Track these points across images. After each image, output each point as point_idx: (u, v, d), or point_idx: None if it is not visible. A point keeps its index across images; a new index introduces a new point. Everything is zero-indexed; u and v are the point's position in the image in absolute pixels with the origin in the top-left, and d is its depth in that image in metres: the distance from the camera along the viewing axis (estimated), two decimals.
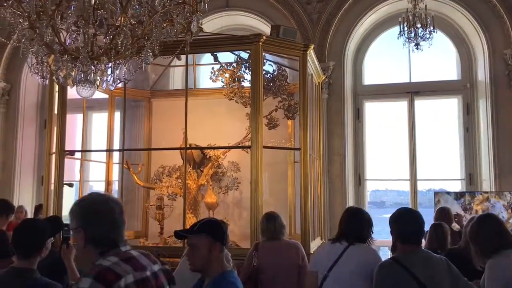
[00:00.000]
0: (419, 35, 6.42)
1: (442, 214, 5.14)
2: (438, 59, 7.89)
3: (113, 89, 4.15)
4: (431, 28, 6.43)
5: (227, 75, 6.09)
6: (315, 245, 5.44)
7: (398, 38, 6.58)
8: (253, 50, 5.22)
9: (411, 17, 6.44)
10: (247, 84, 6.00)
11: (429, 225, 4.16)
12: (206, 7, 3.59)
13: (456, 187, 7.66)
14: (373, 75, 8.18)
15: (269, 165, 5.60)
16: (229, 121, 6.45)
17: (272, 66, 6.29)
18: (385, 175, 8.20)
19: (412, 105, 7.77)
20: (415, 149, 7.66)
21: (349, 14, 7.80)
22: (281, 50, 5.57)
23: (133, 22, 3.28)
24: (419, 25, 6.41)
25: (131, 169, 6.29)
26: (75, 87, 3.64)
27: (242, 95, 6.04)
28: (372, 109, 8.15)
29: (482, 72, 7.47)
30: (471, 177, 7.42)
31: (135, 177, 6.35)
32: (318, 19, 7.83)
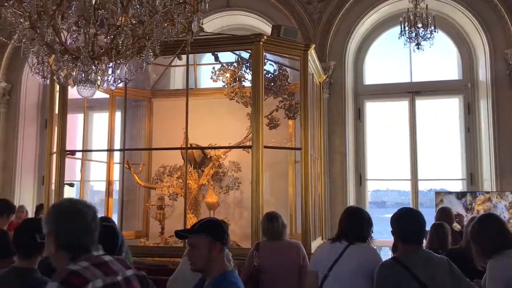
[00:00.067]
0: (420, 34, 6.41)
1: (443, 214, 5.11)
2: (439, 59, 7.88)
3: (114, 89, 4.16)
4: (432, 27, 6.42)
5: (228, 75, 6.09)
6: (316, 245, 5.42)
7: (399, 38, 6.57)
8: (254, 50, 5.22)
9: (412, 17, 6.44)
10: (248, 84, 6.00)
11: (430, 225, 4.16)
12: (207, 7, 3.59)
13: (457, 187, 7.64)
14: (374, 75, 8.16)
15: (270, 165, 5.59)
16: (230, 121, 6.45)
17: (273, 66, 6.29)
18: (386, 175, 8.19)
19: (413, 105, 7.76)
20: (416, 149, 7.65)
21: (350, 13, 7.80)
22: (282, 50, 5.58)
23: (134, 22, 3.28)
24: (420, 25, 6.41)
25: (132, 169, 6.30)
26: (76, 87, 3.63)
27: (243, 95, 6.04)
28: (373, 109, 8.13)
29: (483, 72, 7.46)
30: (472, 177, 7.41)
31: (136, 177, 6.35)
32: (319, 18, 7.82)
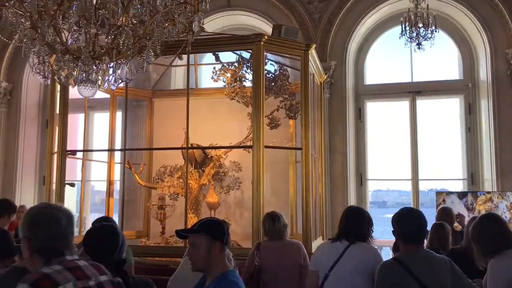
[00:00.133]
0: (421, 34, 6.41)
1: (444, 214, 5.10)
2: (440, 58, 7.88)
3: (115, 88, 4.16)
4: (433, 27, 6.41)
5: (229, 74, 6.09)
6: (316, 245, 5.41)
7: (400, 37, 6.57)
8: (254, 49, 5.22)
9: (412, 17, 6.43)
10: (248, 84, 6.00)
11: (431, 225, 4.15)
12: (207, 7, 3.59)
13: (458, 187, 7.63)
14: (374, 74, 8.15)
15: (270, 165, 5.59)
16: (231, 121, 6.45)
17: (273, 65, 6.29)
18: (387, 175, 8.19)
19: (414, 105, 7.75)
20: (416, 149, 7.65)
21: (350, 13, 7.79)
22: (282, 49, 5.58)
23: (135, 21, 3.28)
24: (420, 25, 6.40)
25: (132, 169, 6.30)
26: (76, 87, 3.63)
27: (243, 95, 6.04)
28: (373, 109, 8.12)
29: (484, 71, 7.45)
30: (473, 177, 7.41)
31: (136, 176, 6.36)
32: (319, 18, 7.82)
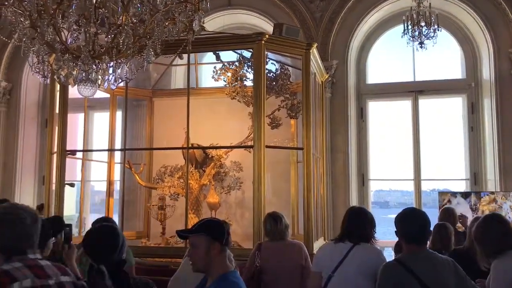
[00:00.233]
0: (423, 33, 6.37)
1: (446, 214, 5.07)
2: (442, 57, 7.84)
3: (115, 88, 4.15)
4: (435, 26, 6.38)
5: (230, 74, 6.07)
6: (318, 246, 5.39)
7: (402, 36, 6.54)
8: (255, 49, 5.20)
9: (415, 16, 6.40)
10: (249, 83, 5.98)
11: (433, 225, 4.12)
12: (208, 6, 3.56)
13: (460, 187, 7.60)
14: (376, 74, 8.11)
15: (271, 164, 5.56)
16: (231, 121, 6.43)
17: (274, 65, 6.26)
18: (389, 175, 8.16)
19: (416, 104, 7.71)
20: (419, 149, 7.61)
21: (352, 12, 7.75)
22: (283, 49, 5.55)
23: (135, 20, 3.26)
24: (423, 24, 6.37)
25: (132, 169, 6.28)
26: (76, 86, 3.62)
27: (244, 94, 6.02)
28: (375, 108, 8.09)
29: (487, 70, 7.41)
30: (475, 176, 7.37)
31: (137, 177, 6.34)
32: (321, 17, 7.78)
